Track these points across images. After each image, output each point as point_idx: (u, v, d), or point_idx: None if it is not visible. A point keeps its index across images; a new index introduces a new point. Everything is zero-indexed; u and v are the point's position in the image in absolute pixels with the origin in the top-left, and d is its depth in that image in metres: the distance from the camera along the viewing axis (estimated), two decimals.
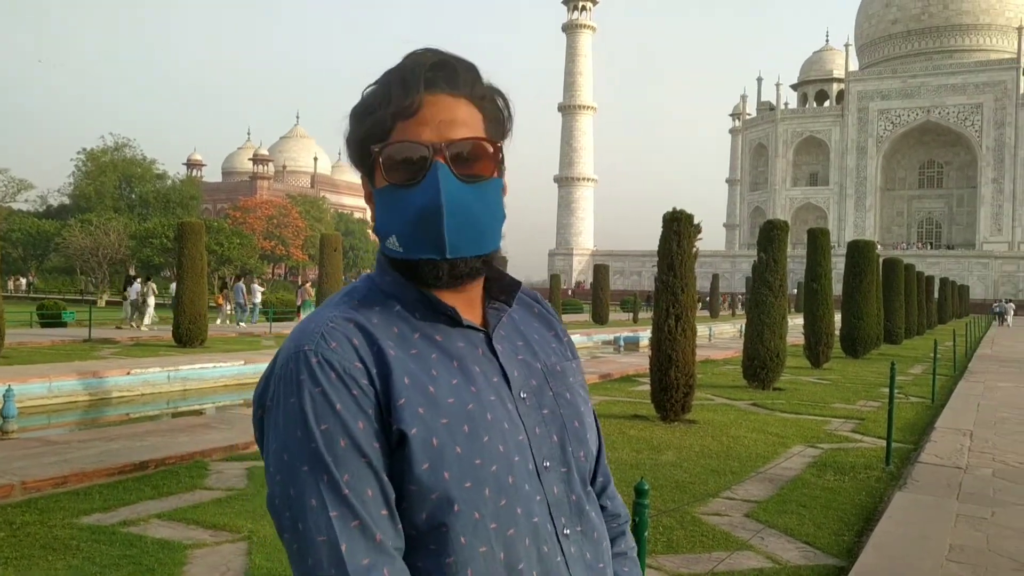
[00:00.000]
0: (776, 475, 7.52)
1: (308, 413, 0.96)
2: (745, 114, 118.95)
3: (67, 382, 12.94)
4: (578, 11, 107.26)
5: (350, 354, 0.99)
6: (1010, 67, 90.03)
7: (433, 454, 0.98)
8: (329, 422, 0.96)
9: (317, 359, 0.98)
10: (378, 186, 1.06)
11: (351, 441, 0.96)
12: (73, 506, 5.93)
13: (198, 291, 19.55)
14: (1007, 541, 5.49)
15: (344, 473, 0.95)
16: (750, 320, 14.37)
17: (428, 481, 0.98)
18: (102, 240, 52.73)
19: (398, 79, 1.05)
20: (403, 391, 0.99)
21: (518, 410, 1.06)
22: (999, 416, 11.36)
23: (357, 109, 1.08)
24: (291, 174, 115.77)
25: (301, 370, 0.98)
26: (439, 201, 1.01)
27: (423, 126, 1.03)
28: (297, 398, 0.97)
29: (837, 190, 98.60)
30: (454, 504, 0.98)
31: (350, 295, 1.09)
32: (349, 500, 0.94)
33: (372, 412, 0.98)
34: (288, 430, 0.97)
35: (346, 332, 1.01)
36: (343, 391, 0.97)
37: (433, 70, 1.05)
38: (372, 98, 1.06)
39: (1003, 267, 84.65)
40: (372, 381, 0.99)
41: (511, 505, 1.01)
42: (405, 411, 0.99)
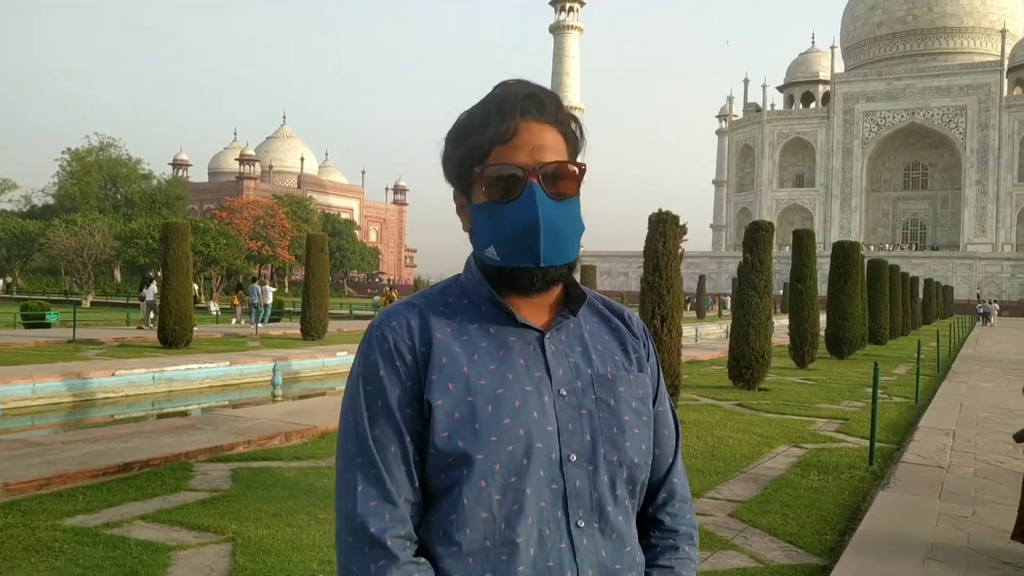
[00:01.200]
0: (760, 475, 7.56)
1: (361, 375, 1.19)
2: (732, 115, 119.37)
3: (51, 383, 12.87)
4: (566, 12, 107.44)
5: (403, 333, 1.19)
6: (994, 70, 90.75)
7: (452, 424, 1.14)
8: (372, 385, 1.17)
9: (379, 333, 1.20)
10: (475, 202, 1.22)
11: (386, 403, 1.16)
12: (56, 508, 5.90)
13: (184, 292, 19.47)
14: (988, 540, 5.54)
15: (375, 428, 1.15)
16: (736, 321, 14.43)
17: (445, 447, 1.14)
18: (87, 240, 52.43)
19: (495, 108, 1.19)
20: (437, 368, 1.17)
21: (555, 404, 1.18)
22: (981, 416, 11.46)
23: (454, 134, 1.24)
24: (278, 174, 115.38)
25: (368, 340, 1.20)
26: (537, 218, 1.16)
27: (517, 150, 1.18)
28: (360, 361, 1.20)
29: (823, 191, 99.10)
30: (463, 470, 1.13)
31: (431, 287, 1.29)
32: (372, 451, 1.15)
33: (410, 383, 1.17)
34: (350, 385, 1.21)
35: (407, 314, 1.21)
36: (389, 362, 1.17)
37: (525, 100, 1.20)
38: (468, 124, 1.21)
39: (987, 268, 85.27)
40: (416, 357, 1.17)
41: (521, 484, 1.14)
42: (435, 385, 1.16)
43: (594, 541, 1.17)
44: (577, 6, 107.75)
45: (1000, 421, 11.06)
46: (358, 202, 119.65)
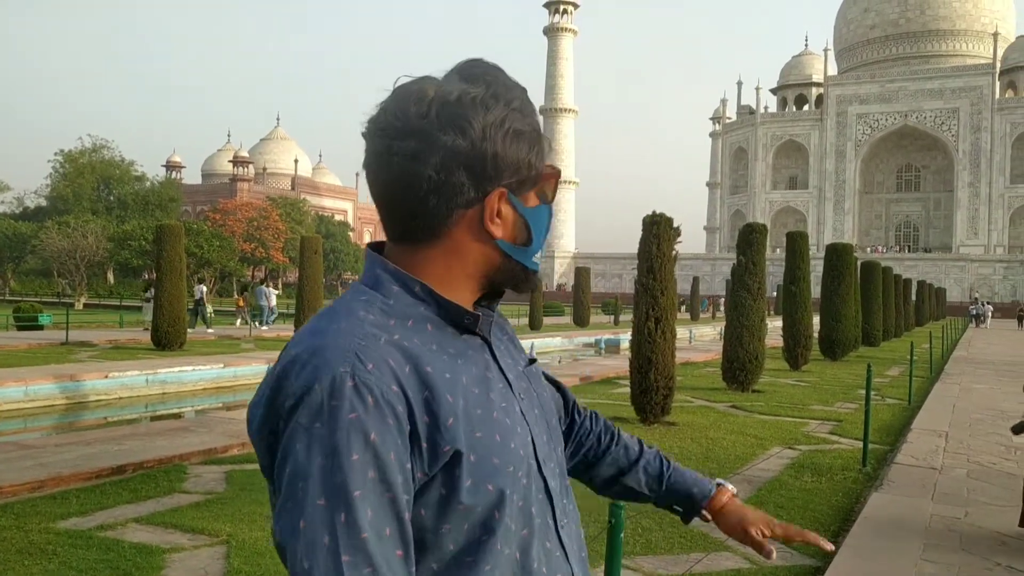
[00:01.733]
0: (754, 476, 7.58)
1: (339, 442, 0.89)
2: (725, 118, 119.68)
3: (44, 385, 12.82)
4: (560, 14, 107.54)
5: (388, 376, 0.93)
6: (986, 72, 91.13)
7: (474, 469, 0.97)
8: (360, 452, 0.89)
9: (354, 382, 0.91)
10: (530, 205, 1.08)
11: (380, 475, 0.89)
12: (50, 510, 5.89)
13: (177, 294, 19.42)
14: (980, 541, 5.56)
15: (368, 510, 0.88)
16: (729, 323, 14.46)
17: (473, 497, 0.96)
18: (80, 242, 52.29)
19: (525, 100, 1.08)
20: (450, 409, 0.96)
21: (521, 411, 1.08)
22: (974, 417, 11.50)
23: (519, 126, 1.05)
24: (271, 176, 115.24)
25: (335, 395, 0.90)
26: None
27: None
28: (327, 426, 0.90)
29: (816, 193, 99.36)
30: (494, 514, 0.98)
31: (367, 308, 1.02)
32: (366, 544, 0.87)
33: (403, 441, 0.92)
34: (309, 458, 0.89)
35: (382, 351, 0.95)
36: (379, 419, 0.91)
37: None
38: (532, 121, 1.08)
39: (979, 270, 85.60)
40: (409, 405, 0.94)
41: (527, 506, 1.04)
42: (456, 430, 0.96)
43: (570, 537, 1.13)
44: (571, 8, 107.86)
45: (993, 422, 11.10)
46: (352, 204, 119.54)
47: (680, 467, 1.50)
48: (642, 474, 1.45)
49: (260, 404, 0.96)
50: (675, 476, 1.47)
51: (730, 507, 1.48)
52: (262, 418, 0.96)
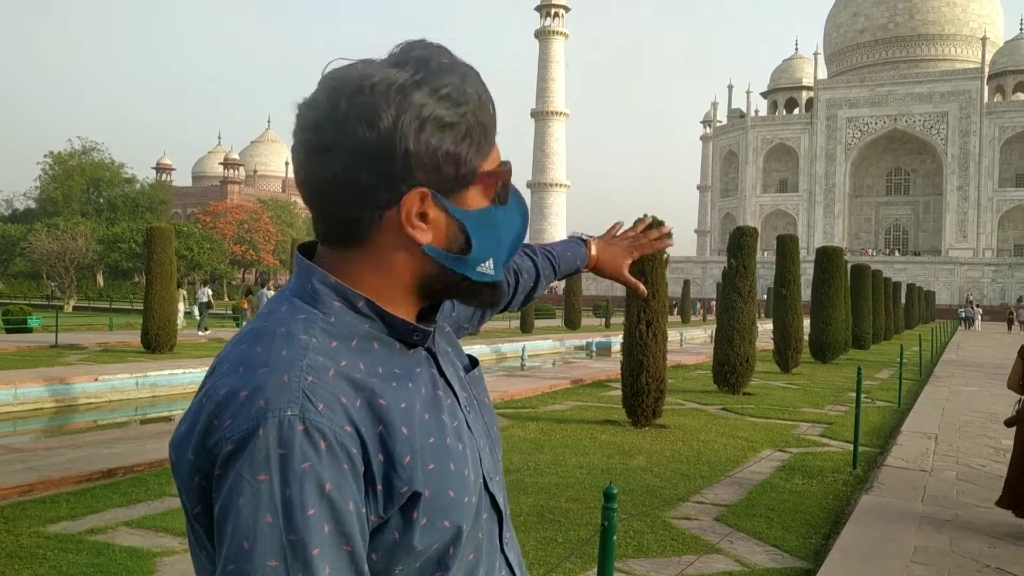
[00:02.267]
0: (745, 479, 7.60)
1: (289, 497, 0.77)
2: (716, 121, 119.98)
3: (33, 388, 12.76)
4: (551, 18, 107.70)
5: (340, 416, 0.82)
6: (974, 77, 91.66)
7: (428, 505, 0.87)
8: (316, 506, 0.77)
9: (304, 427, 0.79)
10: (474, 207, 0.94)
11: (337, 527, 0.79)
12: (40, 514, 5.86)
13: (167, 296, 19.35)
14: (970, 543, 5.60)
15: (325, 566, 0.77)
16: (720, 325, 14.50)
17: (429, 538, 0.87)
18: (69, 245, 52.02)
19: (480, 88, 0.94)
20: (406, 446, 0.86)
21: (468, 426, 0.98)
22: (963, 420, 11.56)
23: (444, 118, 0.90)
24: (262, 178, 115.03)
25: (283, 442, 0.78)
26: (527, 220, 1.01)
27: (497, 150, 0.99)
28: (275, 477, 0.78)
29: (806, 197, 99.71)
30: (449, 550, 0.90)
31: (307, 330, 0.89)
32: None
33: (359, 485, 0.82)
34: (255, 515, 0.77)
35: (331, 387, 0.83)
36: (334, 466, 0.79)
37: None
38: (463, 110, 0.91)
39: (968, 273, 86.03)
40: (364, 446, 0.83)
41: (475, 531, 0.95)
42: (414, 468, 0.86)
43: (514, 551, 1.05)
44: (562, 12, 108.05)
45: (982, 424, 11.16)
46: None
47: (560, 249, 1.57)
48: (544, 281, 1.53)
49: (187, 446, 0.83)
50: (564, 265, 1.56)
51: (602, 258, 1.61)
52: (191, 464, 0.82)
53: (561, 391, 14.09)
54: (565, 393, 13.83)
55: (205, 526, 0.83)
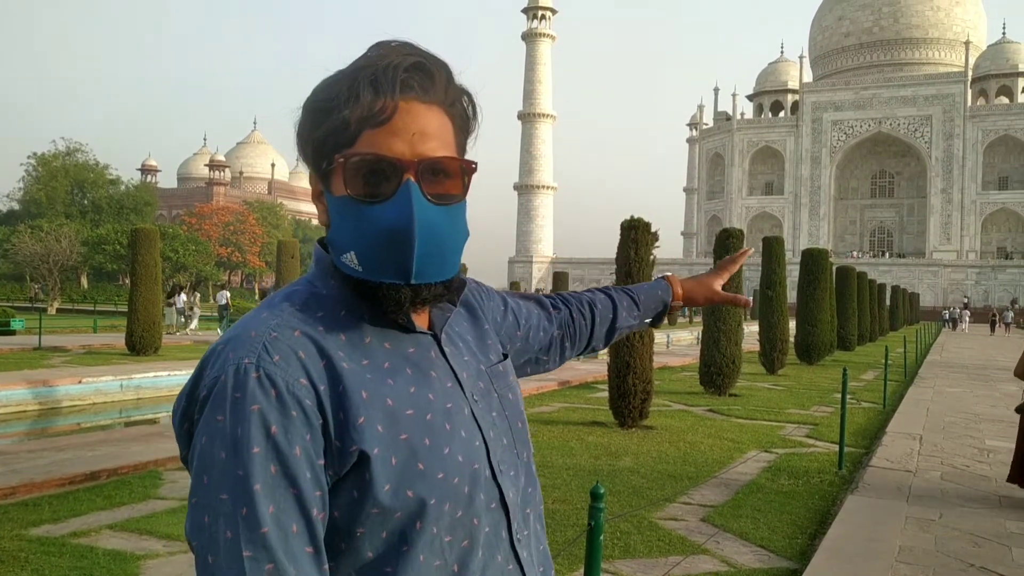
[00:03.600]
0: (732, 480, 7.62)
1: (239, 435, 0.85)
2: (702, 124, 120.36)
3: (16, 391, 12.65)
4: (538, 20, 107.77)
5: (296, 369, 0.89)
6: (958, 80, 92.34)
7: (394, 473, 0.91)
8: (261, 446, 0.85)
9: (258, 374, 0.87)
10: (336, 193, 0.97)
11: (282, 469, 0.85)
12: (22, 517, 5.80)
13: (152, 298, 19.22)
14: (954, 542, 5.62)
15: (269, 504, 0.84)
16: (707, 327, 14.53)
17: (391, 502, 0.91)
18: (53, 246, 51.62)
19: (368, 78, 0.95)
20: (361, 408, 0.91)
21: (473, 414, 1.01)
22: (947, 420, 11.62)
23: (315, 103, 0.97)
24: (248, 180, 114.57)
25: (238, 386, 0.87)
26: (411, 226, 0.93)
27: (394, 137, 0.94)
28: (229, 417, 0.86)
29: (792, 199, 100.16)
30: (416, 522, 0.92)
31: (290, 299, 0.98)
32: (267, 539, 0.83)
33: (312, 436, 0.88)
34: (212, 452, 0.86)
35: (292, 343, 0.91)
36: (283, 412, 0.87)
37: (409, 72, 0.96)
38: (334, 93, 0.96)
39: (952, 275, 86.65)
40: (320, 400, 0.89)
41: (467, 516, 0.97)
42: (366, 430, 0.90)
43: (530, 552, 1.06)
44: (549, 14, 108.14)
45: (966, 425, 11.23)
46: None
47: (638, 286, 1.59)
48: (624, 312, 1.52)
49: (183, 396, 0.93)
50: (643, 296, 1.56)
51: (688, 287, 1.62)
52: (183, 411, 0.92)
53: (548, 393, 14.09)
54: (552, 395, 13.83)
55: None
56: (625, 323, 1.52)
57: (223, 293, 30.17)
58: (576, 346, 1.46)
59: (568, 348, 1.44)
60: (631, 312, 1.52)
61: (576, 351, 1.47)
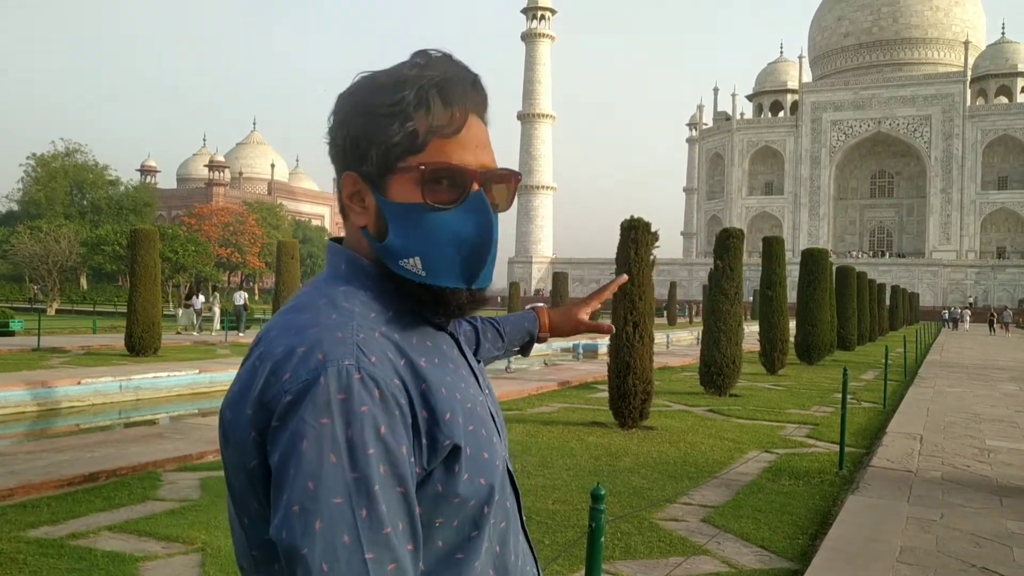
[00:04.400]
0: (732, 480, 7.60)
1: (351, 437, 0.85)
2: (702, 124, 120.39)
3: (15, 392, 12.63)
4: (537, 20, 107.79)
5: (389, 370, 0.91)
6: (957, 80, 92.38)
7: (470, 463, 0.96)
8: (374, 447, 0.86)
9: (360, 375, 0.88)
10: (397, 199, 0.98)
11: (391, 468, 0.87)
12: (20, 519, 5.79)
13: (151, 299, 19.20)
14: (956, 543, 5.61)
15: (383, 505, 0.85)
16: (707, 327, 14.52)
17: (468, 491, 0.95)
18: (52, 247, 51.60)
19: (436, 88, 0.98)
20: (446, 403, 0.95)
21: (489, 409, 1.08)
22: (948, 420, 11.61)
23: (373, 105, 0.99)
24: (248, 181, 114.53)
25: (342, 388, 0.86)
26: (492, 233, 0.99)
27: (462, 148, 0.99)
28: (337, 420, 0.85)
29: (791, 199, 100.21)
30: (483, 508, 0.97)
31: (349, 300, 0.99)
32: (389, 539, 0.84)
33: (409, 434, 0.90)
34: (319, 456, 0.84)
35: (380, 344, 0.93)
36: (387, 412, 0.88)
37: (474, 89, 1.02)
38: (397, 98, 0.98)
39: (951, 275, 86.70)
40: (411, 399, 0.92)
41: (503, 498, 1.04)
42: (454, 424, 0.94)
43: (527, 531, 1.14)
44: (549, 14, 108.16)
45: (966, 425, 11.22)
46: (329, 209, 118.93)
47: (505, 318, 1.60)
48: (487, 342, 1.53)
49: (245, 403, 0.91)
50: (509, 328, 1.58)
51: (554, 319, 1.62)
52: (249, 419, 0.90)
53: (548, 393, 14.08)
54: (552, 395, 13.82)
55: (262, 479, 0.89)
56: (488, 354, 1.54)
57: (240, 294, 30.54)
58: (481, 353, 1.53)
59: (480, 351, 1.52)
60: (495, 344, 1.55)
61: (485, 357, 1.53)
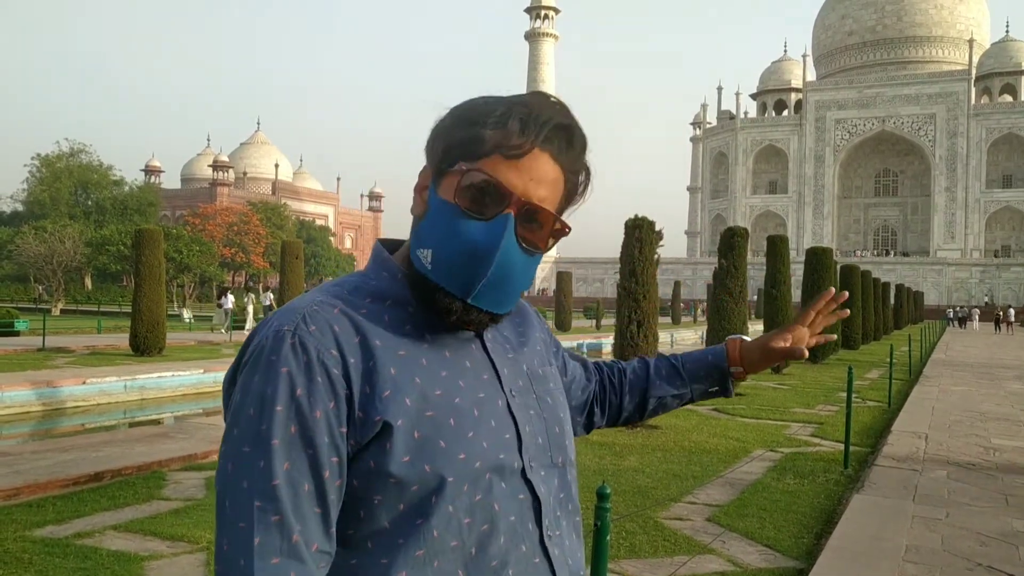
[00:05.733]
0: (737, 479, 7.59)
1: (266, 393, 0.93)
2: (706, 123, 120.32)
3: (20, 392, 12.66)
4: (540, 19, 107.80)
5: (328, 340, 0.97)
6: (962, 78, 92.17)
7: (415, 446, 0.97)
8: (284, 405, 0.93)
9: (293, 340, 0.96)
10: (442, 195, 1.03)
11: (301, 430, 0.93)
12: (25, 518, 5.79)
13: (156, 299, 19.22)
14: (961, 541, 5.59)
15: (284, 461, 0.92)
16: (711, 326, 14.51)
17: (408, 474, 0.96)
18: (57, 247, 51.69)
19: (521, 114, 1.02)
20: (388, 382, 0.98)
21: (509, 407, 1.07)
22: (953, 419, 11.58)
23: (465, 112, 1.05)
24: (252, 181, 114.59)
25: (274, 349, 0.95)
26: (495, 251, 0.99)
27: (516, 173, 1.01)
28: (261, 376, 0.95)
29: (796, 198, 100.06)
30: (431, 497, 0.97)
31: (340, 284, 1.07)
32: (277, 492, 0.91)
33: (336, 404, 0.95)
34: (243, 407, 0.95)
35: (328, 317, 0.99)
36: (308, 377, 0.94)
37: (556, 131, 1.03)
38: (486, 112, 1.03)
39: (956, 274, 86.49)
40: (347, 371, 0.96)
41: (488, 502, 1.01)
42: (391, 402, 0.97)
43: (562, 550, 1.09)
44: (552, 13, 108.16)
45: (971, 424, 11.19)
46: (333, 209, 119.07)
47: (687, 353, 1.48)
48: (660, 380, 1.44)
49: (232, 366, 1.02)
50: (689, 362, 1.45)
51: (747, 347, 1.43)
52: (230, 376, 1.01)
53: None
54: None
55: None
56: (663, 391, 1.44)
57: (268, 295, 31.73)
58: (606, 415, 1.44)
59: (598, 414, 1.43)
60: (672, 380, 1.44)
61: (606, 420, 1.44)
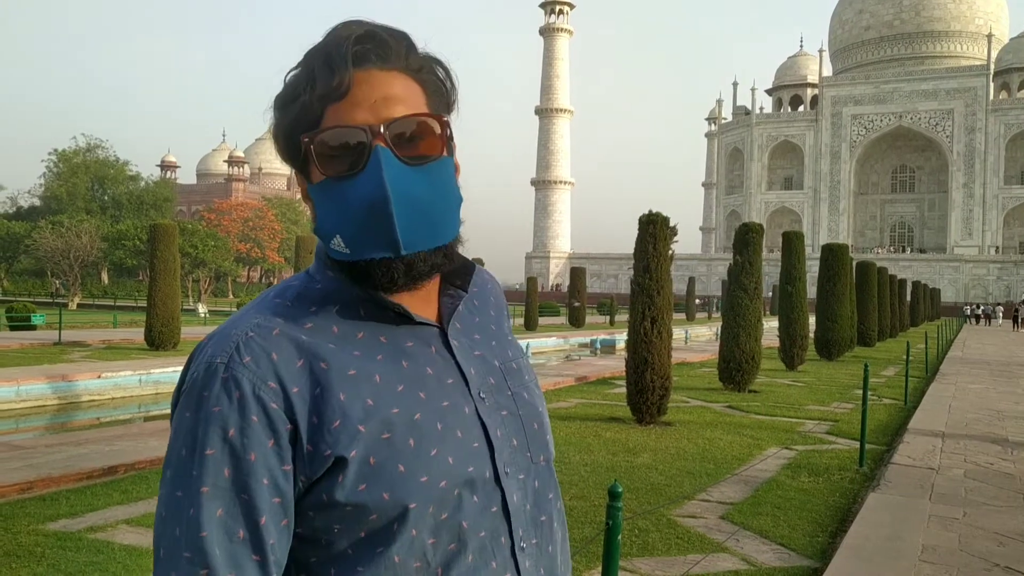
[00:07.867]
0: (751, 477, 7.54)
1: (197, 434, 0.86)
2: (721, 118, 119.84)
3: (36, 385, 12.74)
4: (555, 15, 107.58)
5: (265, 371, 0.87)
6: (980, 73, 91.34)
7: (371, 473, 0.88)
8: (216, 448, 0.85)
9: (225, 375, 0.87)
10: (314, 181, 0.93)
11: (235, 473, 0.85)
12: (39, 512, 5.82)
13: (171, 293, 19.34)
14: (978, 541, 5.52)
15: (217, 508, 0.84)
16: (726, 323, 14.43)
17: (365, 501, 0.88)
18: (73, 242, 52.08)
19: (322, 58, 0.92)
20: (337, 410, 0.88)
21: (477, 412, 0.96)
22: (970, 417, 11.48)
23: (280, 97, 0.95)
24: (267, 176, 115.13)
25: (205, 385, 0.87)
26: (384, 191, 0.88)
27: (356, 107, 0.90)
28: (192, 413, 0.87)
29: (811, 194, 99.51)
30: (393, 525, 0.89)
31: (282, 294, 0.97)
32: (205, 544, 0.83)
33: (276, 441, 0.86)
34: (175, 447, 0.87)
35: (266, 345, 0.89)
36: (242, 416, 0.86)
37: (360, 43, 0.92)
38: (295, 83, 0.93)
39: (973, 270, 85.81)
40: (289, 404, 0.87)
41: (455, 519, 0.92)
42: (342, 433, 0.88)
43: (536, 560, 0.99)
44: (567, 9, 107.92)
45: (989, 423, 11.08)
46: None
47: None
48: None
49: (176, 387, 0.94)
50: None
51: None
52: (174, 402, 0.93)
53: (565, 388, 14.04)
54: (570, 390, 13.78)
55: None
56: None
57: None
58: None
59: None
60: None
61: None
